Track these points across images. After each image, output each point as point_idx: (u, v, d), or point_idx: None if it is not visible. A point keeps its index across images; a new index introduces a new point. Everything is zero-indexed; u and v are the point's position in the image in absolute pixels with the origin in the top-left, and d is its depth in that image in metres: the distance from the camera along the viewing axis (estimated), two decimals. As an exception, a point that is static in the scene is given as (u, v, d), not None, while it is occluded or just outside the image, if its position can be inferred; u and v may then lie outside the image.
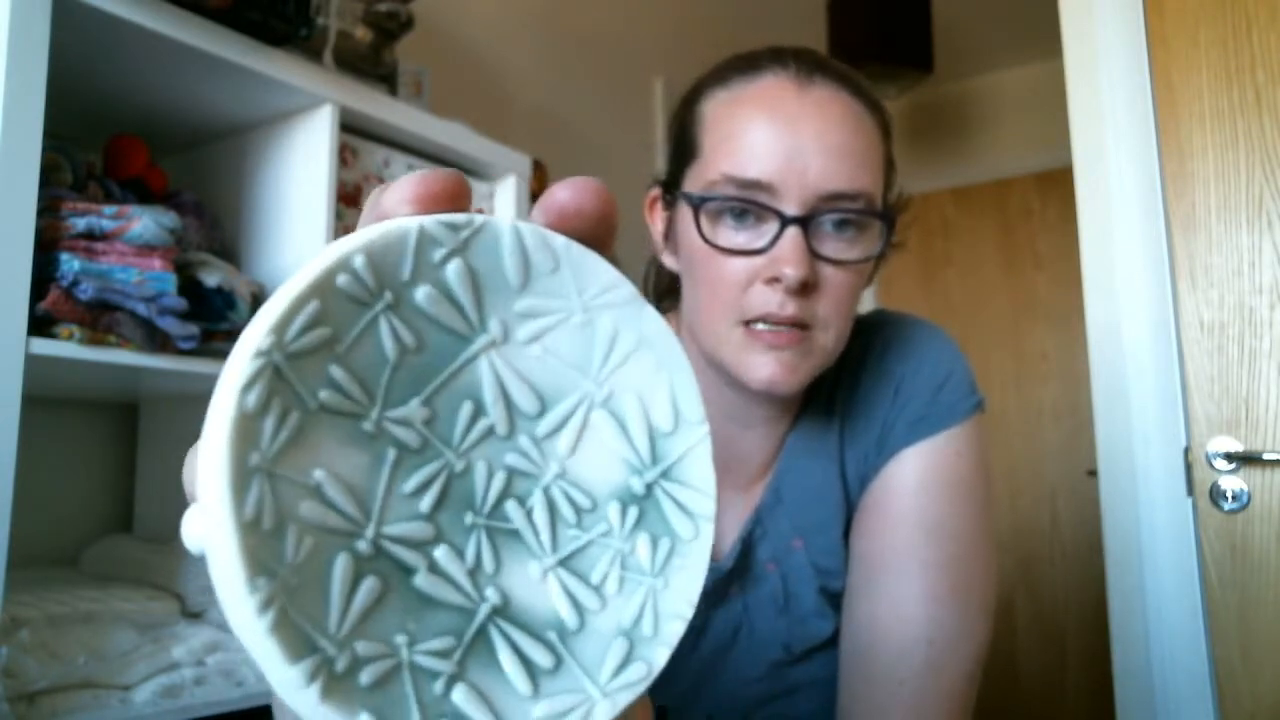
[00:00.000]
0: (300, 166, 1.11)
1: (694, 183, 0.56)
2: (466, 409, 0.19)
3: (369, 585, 0.17)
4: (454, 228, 0.19)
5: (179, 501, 0.99)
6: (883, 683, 0.54)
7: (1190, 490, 1.18)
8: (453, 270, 0.19)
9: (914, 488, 0.57)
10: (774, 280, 0.53)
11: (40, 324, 0.82)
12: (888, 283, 3.23)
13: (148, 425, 1.23)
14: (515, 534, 0.19)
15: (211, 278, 0.98)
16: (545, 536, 0.19)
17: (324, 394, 0.17)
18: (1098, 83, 1.32)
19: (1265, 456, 1.12)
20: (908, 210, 0.63)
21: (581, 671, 0.18)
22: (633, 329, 0.20)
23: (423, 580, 0.18)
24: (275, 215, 1.13)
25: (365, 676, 0.16)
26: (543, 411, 0.19)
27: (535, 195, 1.59)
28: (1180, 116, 1.22)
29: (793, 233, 0.52)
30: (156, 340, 0.91)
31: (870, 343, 0.63)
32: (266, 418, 0.17)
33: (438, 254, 0.18)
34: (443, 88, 1.50)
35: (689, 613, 0.20)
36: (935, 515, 0.56)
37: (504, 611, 0.18)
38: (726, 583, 0.60)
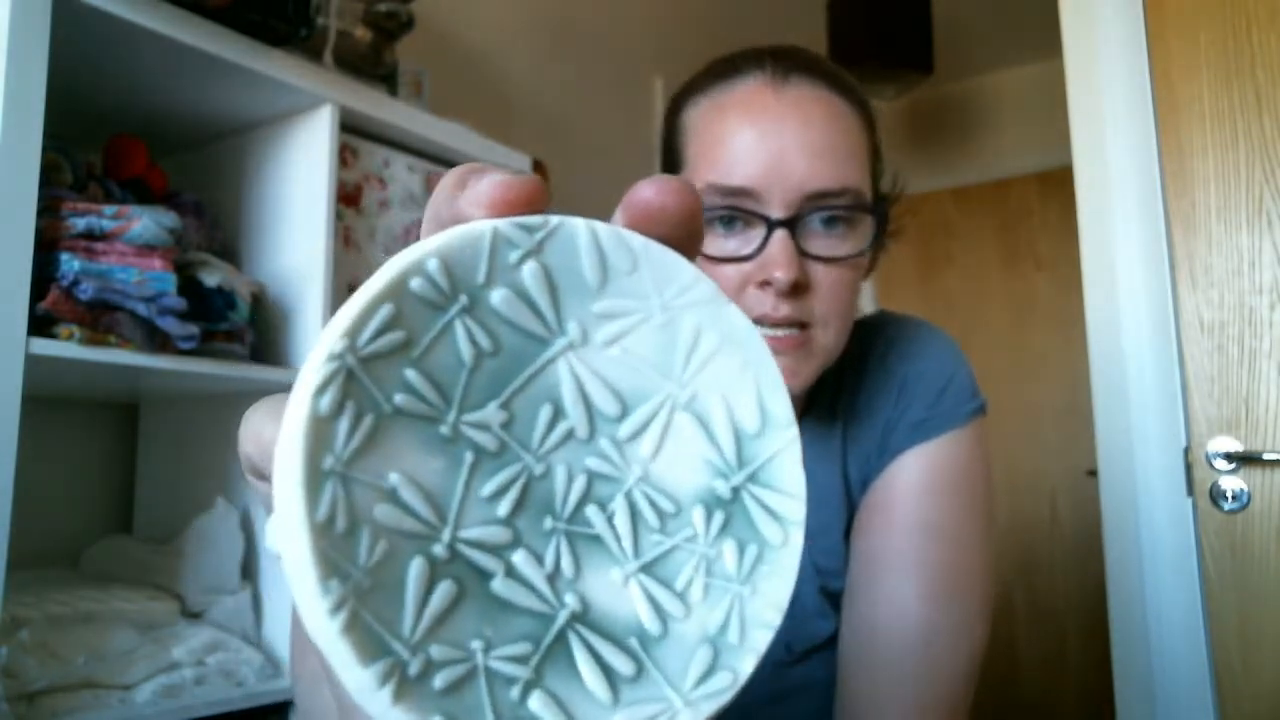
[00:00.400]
0: (300, 167, 1.11)
1: None
2: (545, 412, 0.18)
3: (444, 589, 0.17)
4: (529, 229, 0.18)
5: (179, 502, 0.99)
6: (881, 683, 0.54)
7: (1190, 490, 1.18)
8: (529, 272, 0.18)
9: (915, 489, 0.57)
10: (766, 284, 0.53)
11: (40, 324, 0.82)
12: (887, 283, 3.23)
13: (148, 425, 1.23)
14: (596, 539, 0.18)
15: (211, 278, 0.98)
16: (627, 541, 0.19)
17: (399, 397, 0.17)
18: (1098, 83, 1.32)
19: (1265, 456, 1.12)
20: (902, 199, 0.63)
21: (664, 679, 0.18)
22: (716, 328, 0.20)
23: (500, 585, 0.17)
24: (275, 215, 1.13)
25: (439, 681, 0.16)
26: (624, 414, 0.19)
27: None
28: (1180, 116, 1.22)
29: (780, 236, 0.52)
30: (156, 340, 0.91)
31: (873, 344, 0.63)
32: (340, 420, 0.17)
33: (513, 256, 0.18)
34: (443, 88, 1.50)
35: (777, 620, 0.19)
36: (936, 517, 0.56)
37: (583, 617, 0.18)
38: None
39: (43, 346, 0.80)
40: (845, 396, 0.62)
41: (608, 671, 0.18)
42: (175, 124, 1.14)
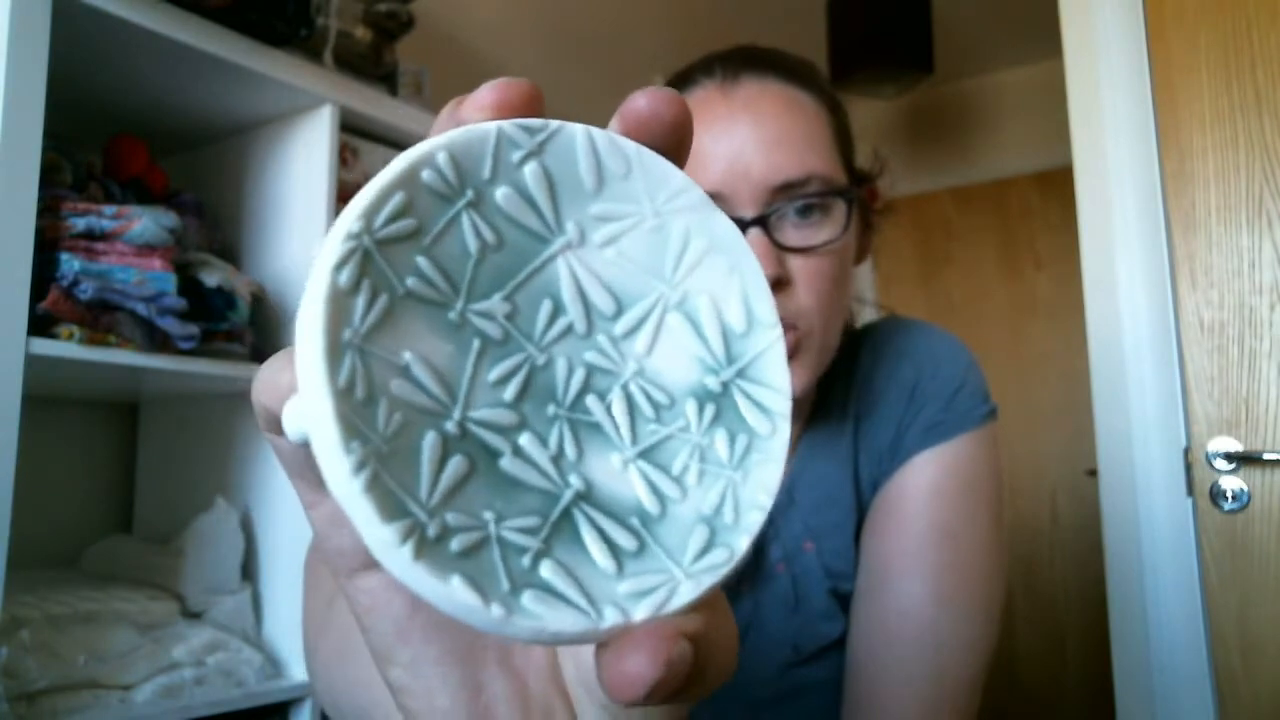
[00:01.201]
0: (300, 166, 1.11)
1: None
2: (546, 307, 0.19)
3: (456, 462, 0.17)
4: (530, 131, 0.19)
5: (179, 502, 0.99)
6: (888, 685, 0.54)
7: (1190, 490, 1.18)
8: (530, 172, 0.19)
9: (926, 492, 0.57)
10: None
11: (40, 324, 0.82)
12: (887, 282, 3.23)
13: (148, 425, 1.23)
14: (596, 426, 0.19)
15: (211, 278, 0.98)
16: (625, 430, 0.19)
17: (411, 281, 0.18)
18: (1097, 83, 1.32)
19: (1265, 456, 1.12)
20: (884, 174, 0.63)
21: (664, 554, 0.19)
22: (704, 233, 0.21)
23: (508, 463, 0.18)
24: (275, 215, 1.13)
25: (455, 544, 0.17)
26: (619, 312, 0.20)
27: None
28: (1180, 116, 1.22)
29: (753, 234, 0.52)
30: (156, 340, 0.91)
31: (885, 347, 0.63)
32: (358, 296, 0.17)
33: (516, 155, 0.19)
34: (443, 87, 1.50)
35: (768, 503, 0.20)
36: (947, 520, 0.56)
37: (587, 496, 0.19)
38: (737, 580, 0.60)
39: (43, 346, 0.80)
40: (857, 399, 0.62)
41: (612, 546, 0.18)
42: (175, 124, 1.14)
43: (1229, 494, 1.14)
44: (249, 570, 1.07)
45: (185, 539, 1.06)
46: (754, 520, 0.20)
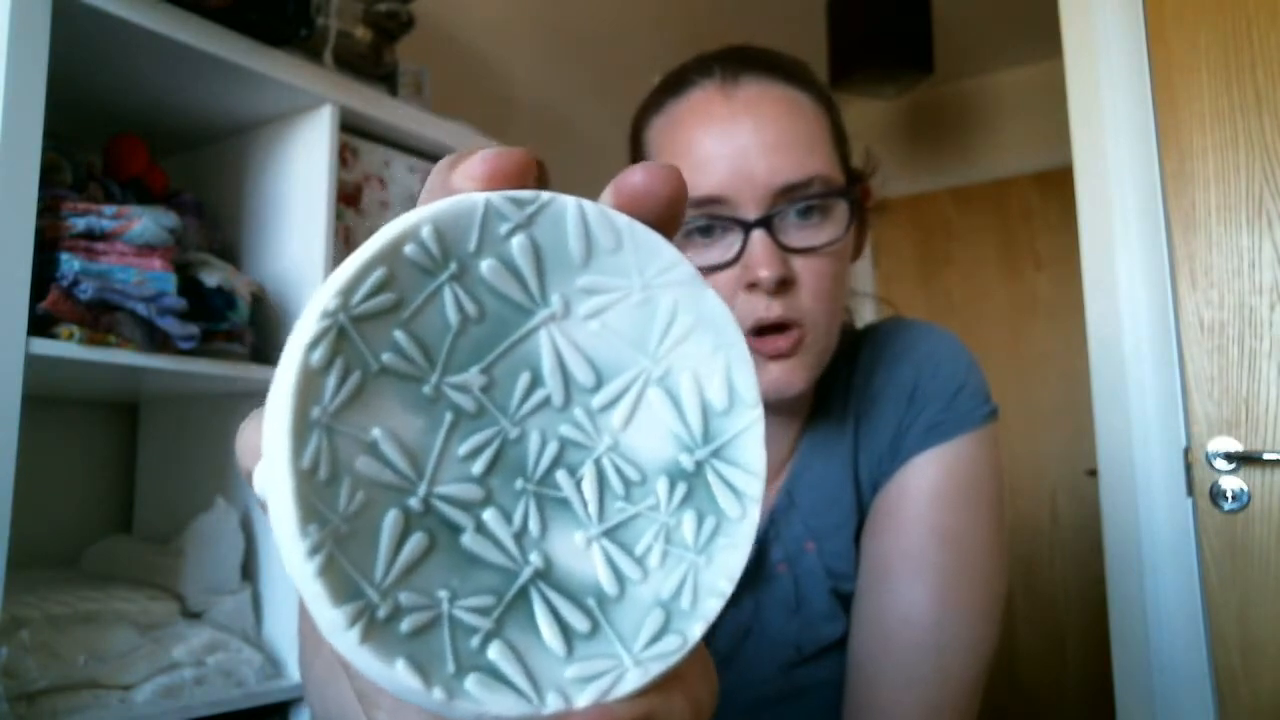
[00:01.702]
0: (300, 166, 1.11)
1: None
2: (524, 379, 0.19)
3: (416, 540, 0.18)
4: (520, 203, 0.19)
5: (179, 501, 0.99)
6: (888, 686, 0.54)
7: (1190, 490, 1.18)
8: (517, 244, 0.19)
9: (927, 493, 0.57)
10: (753, 285, 0.53)
11: (40, 324, 0.82)
12: (887, 282, 3.23)
13: (148, 425, 1.23)
14: (564, 502, 0.19)
15: (211, 278, 0.98)
16: (593, 506, 0.19)
17: (386, 356, 0.18)
18: (1097, 83, 1.32)
19: (1265, 456, 1.12)
20: (876, 173, 0.63)
21: (616, 638, 0.19)
22: (692, 309, 0.21)
23: (469, 539, 0.18)
24: (275, 215, 1.13)
25: (405, 625, 0.17)
26: (599, 385, 0.20)
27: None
28: (1180, 116, 1.22)
29: (758, 235, 0.53)
30: (156, 340, 0.91)
31: (885, 348, 0.63)
32: (330, 375, 0.18)
33: (503, 228, 0.19)
34: (443, 87, 1.50)
35: (728, 590, 0.20)
36: (947, 521, 0.56)
37: (546, 575, 0.19)
38: (739, 582, 0.59)
39: (43, 346, 0.80)
40: (857, 399, 0.62)
41: (564, 627, 0.19)
42: (175, 124, 1.14)
43: (1229, 494, 1.14)
44: (249, 570, 1.07)
45: (185, 539, 1.06)
46: (711, 608, 0.20)
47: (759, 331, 0.54)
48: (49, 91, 0.81)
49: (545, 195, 0.20)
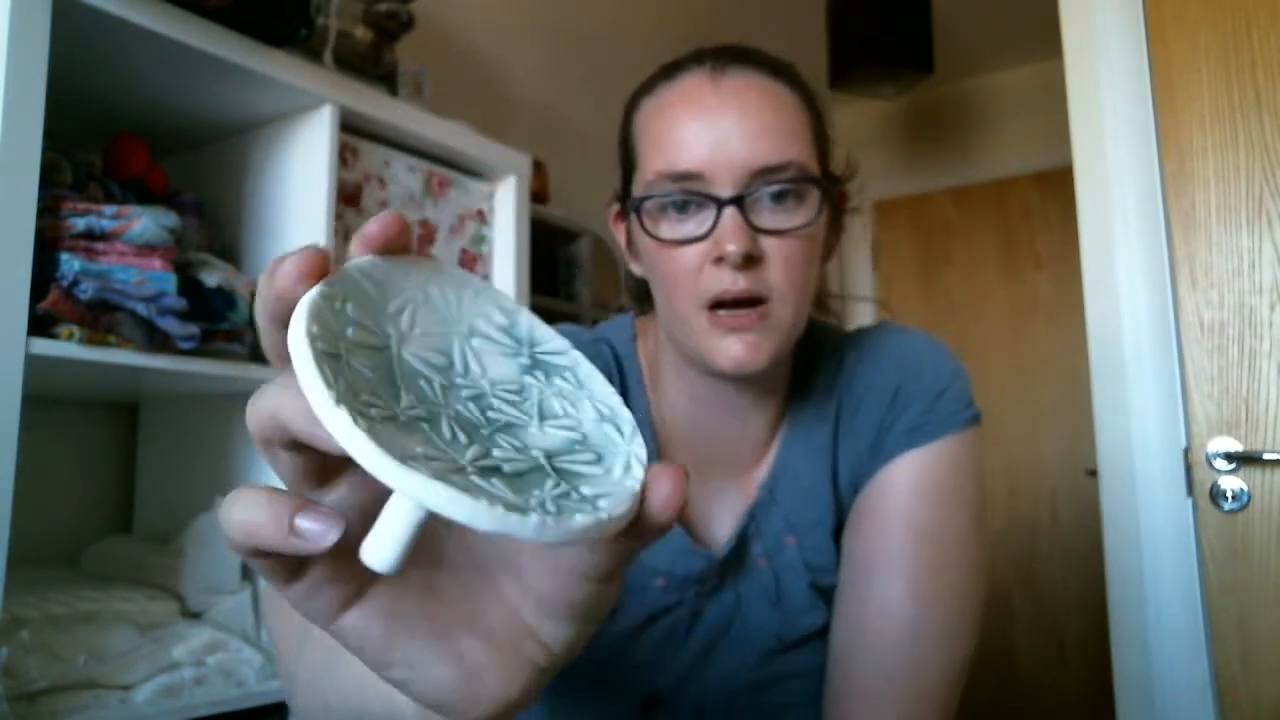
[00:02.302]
0: (300, 166, 1.11)
1: (638, 188, 0.59)
2: (423, 383, 0.26)
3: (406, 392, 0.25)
4: (329, 285, 0.25)
5: (179, 501, 0.99)
6: (869, 680, 0.56)
7: (1190, 490, 1.18)
8: (350, 309, 0.25)
9: (907, 492, 0.58)
10: (721, 259, 0.55)
11: (40, 324, 0.82)
12: (887, 282, 3.23)
13: (148, 425, 1.23)
14: (509, 424, 0.26)
15: (211, 278, 0.98)
16: (517, 410, 0.27)
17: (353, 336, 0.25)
18: (1097, 83, 1.32)
19: (1265, 456, 1.12)
20: (854, 178, 0.65)
21: (609, 458, 0.27)
22: (452, 284, 0.29)
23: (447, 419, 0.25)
24: (275, 215, 1.13)
25: (504, 474, 0.23)
26: (450, 363, 0.27)
27: (535, 194, 1.59)
28: (1180, 116, 1.22)
29: (730, 212, 0.55)
30: (156, 340, 0.91)
31: (871, 350, 0.64)
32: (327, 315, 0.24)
33: (336, 305, 0.25)
34: (443, 87, 1.50)
35: (617, 394, 0.30)
36: (927, 520, 0.58)
37: (551, 457, 0.26)
38: (720, 573, 0.61)
39: (43, 346, 0.80)
40: (839, 399, 0.63)
41: (578, 475, 0.25)
42: (175, 124, 1.14)
43: (1229, 494, 1.14)
44: (248, 570, 1.07)
45: (185, 539, 1.06)
46: (626, 417, 0.29)
47: (725, 305, 0.55)
48: (49, 91, 0.81)
49: (335, 274, 0.25)
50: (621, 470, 0.26)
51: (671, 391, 0.63)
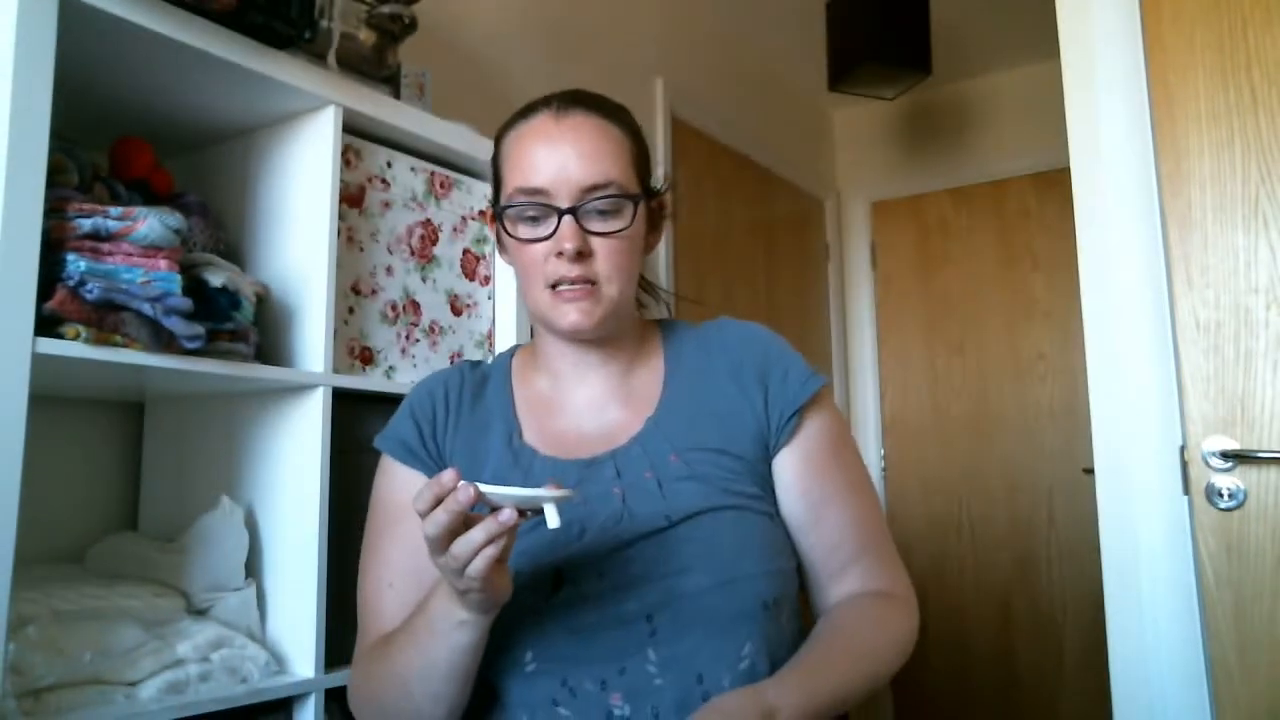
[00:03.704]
0: (304, 168, 1.12)
1: (503, 199, 0.80)
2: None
3: None
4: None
5: (184, 499, 1.01)
6: (836, 540, 0.81)
7: (1186, 488, 1.19)
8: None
9: (823, 441, 0.82)
10: (560, 254, 0.76)
11: (47, 324, 0.82)
12: (887, 282, 3.24)
13: (153, 424, 1.24)
14: None
15: (216, 278, 0.99)
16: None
17: None
18: (1094, 84, 1.33)
19: (1261, 455, 1.13)
20: (675, 189, 0.84)
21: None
22: None
23: None
24: (279, 216, 1.14)
25: None
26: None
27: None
28: (1176, 117, 1.23)
29: (567, 219, 0.76)
30: (162, 340, 0.92)
31: (724, 333, 0.86)
32: None
33: None
34: (445, 89, 1.51)
35: None
36: (844, 453, 0.84)
37: None
38: (610, 479, 0.78)
39: (49, 346, 0.81)
40: (711, 363, 0.84)
41: None
42: (180, 125, 1.15)
43: (1225, 492, 1.15)
44: (253, 567, 1.08)
45: (190, 536, 1.06)
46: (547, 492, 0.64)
47: (564, 285, 0.76)
48: (55, 93, 0.82)
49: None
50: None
51: (539, 378, 0.85)
